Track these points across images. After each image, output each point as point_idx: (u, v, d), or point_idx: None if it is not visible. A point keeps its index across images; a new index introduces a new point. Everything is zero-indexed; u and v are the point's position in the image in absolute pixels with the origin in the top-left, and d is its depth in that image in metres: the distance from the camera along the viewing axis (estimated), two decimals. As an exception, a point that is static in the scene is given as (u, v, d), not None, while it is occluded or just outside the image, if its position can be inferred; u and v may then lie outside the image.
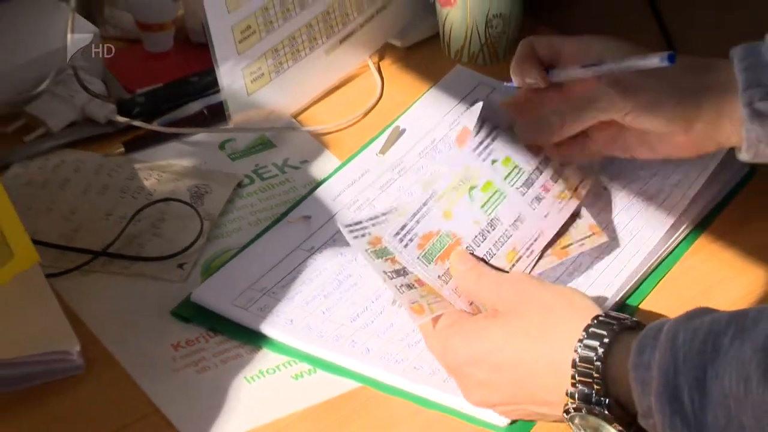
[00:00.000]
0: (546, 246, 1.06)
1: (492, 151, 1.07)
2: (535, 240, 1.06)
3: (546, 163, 1.09)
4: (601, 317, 0.93)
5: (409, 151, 1.22)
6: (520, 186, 1.06)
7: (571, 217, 1.09)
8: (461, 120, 1.17)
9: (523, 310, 0.96)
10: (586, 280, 1.07)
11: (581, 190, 1.10)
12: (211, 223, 1.15)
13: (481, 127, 1.08)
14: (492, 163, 1.06)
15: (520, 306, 0.96)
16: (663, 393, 0.85)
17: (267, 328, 1.05)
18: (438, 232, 1.02)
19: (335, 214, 1.15)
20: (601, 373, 0.91)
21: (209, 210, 1.16)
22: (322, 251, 1.12)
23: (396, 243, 1.00)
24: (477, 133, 1.08)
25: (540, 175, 1.08)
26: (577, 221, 1.09)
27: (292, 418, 0.99)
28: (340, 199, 1.17)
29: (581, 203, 1.10)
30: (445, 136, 1.22)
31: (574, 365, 0.91)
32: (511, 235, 1.04)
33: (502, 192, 1.05)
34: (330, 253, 1.11)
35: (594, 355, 0.91)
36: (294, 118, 1.28)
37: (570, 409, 0.92)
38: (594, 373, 0.91)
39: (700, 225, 1.13)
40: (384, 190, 1.17)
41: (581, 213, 1.10)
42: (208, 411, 1.00)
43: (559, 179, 1.09)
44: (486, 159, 1.06)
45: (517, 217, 1.05)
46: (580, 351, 0.91)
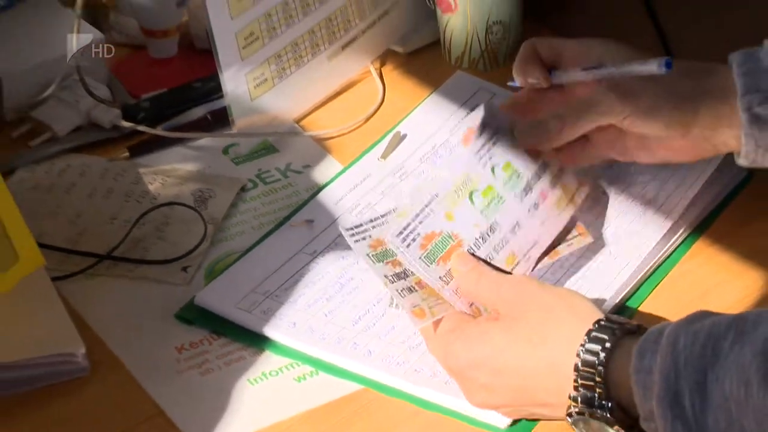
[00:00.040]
0: (543, 253, 1.06)
1: (493, 155, 1.06)
2: (533, 246, 1.05)
3: (544, 168, 1.09)
4: (602, 321, 0.93)
5: (410, 156, 1.21)
6: (519, 192, 1.06)
7: None
8: (465, 122, 1.17)
9: (524, 314, 0.96)
10: (585, 283, 1.07)
11: (577, 198, 1.10)
12: (215, 226, 1.15)
13: (482, 131, 1.08)
14: (492, 168, 1.06)
15: (520, 309, 0.96)
16: (664, 397, 0.85)
17: (270, 331, 1.05)
18: (440, 233, 1.01)
19: (337, 218, 1.15)
20: (603, 377, 0.90)
21: (213, 214, 1.16)
22: (325, 255, 1.11)
23: (398, 243, 0.99)
24: (479, 136, 1.08)
25: (539, 181, 1.08)
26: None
27: (295, 420, 0.99)
28: (342, 203, 1.17)
29: (578, 209, 1.10)
30: (446, 141, 1.22)
31: (576, 369, 0.91)
32: (510, 240, 1.04)
33: (502, 197, 1.05)
34: (332, 256, 1.11)
35: (596, 359, 0.91)
36: (296, 123, 1.28)
37: (572, 412, 0.92)
38: (596, 377, 0.91)
39: (698, 228, 1.13)
40: (385, 195, 1.17)
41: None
42: (212, 413, 0.99)
43: (557, 185, 1.09)
44: (487, 163, 1.06)
45: (516, 223, 1.05)
46: (582, 355, 0.91)
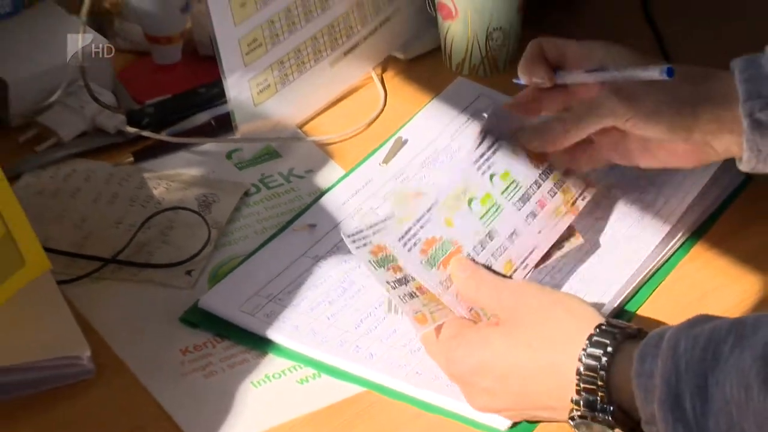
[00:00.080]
0: (540, 260, 1.06)
1: (492, 164, 1.06)
2: (530, 254, 1.05)
3: (547, 175, 1.08)
4: (603, 326, 0.93)
5: (411, 160, 1.21)
6: (516, 201, 1.06)
7: None
8: (471, 128, 1.16)
9: (524, 319, 0.95)
10: (584, 286, 1.06)
11: (579, 203, 1.10)
12: (219, 231, 1.15)
13: (483, 140, 1.08)
14: (491, 177, 1.06)
15: (521, 314, 0.96)
16: (665, 400, 0.85)
17: (273, 334, 1.04)
18: (440, 238, 1.01)
19: (339, 223, 1.15)
20: (605, 381, 0.90)
21: (216, 218, 1.16)
22: (327, 259, 1.11)
23: (400, 247, 0.99)
24: (478, 145, 1.07)
25: (538, 189, 1.07)
26: None
27: (297, 422, 0.99)
28: (344, 207, 1.17)
29: (579, 215, 1.10)
30: (447, 146, 1.22)
31: (578, 373, 0.91)
32: (508, 248, 1.04)
33: (500, 205, 1.05)
34: (334, 260, 1.11)
35: (598, 363, 0.90)
36: (299, 129, 1.28)
37: (575, 416, 0.92)
38: (598, 381, 0.90)
39: (697, 232, 1.13)
40: (387, 199, 1.17)
41: None
42: (216, 415, 0.99)
43: (557, 193, 1.08)
44: (485, 173, 1.06)
45: (513, 231, 1.05)
46: (584, 359, 0.91)
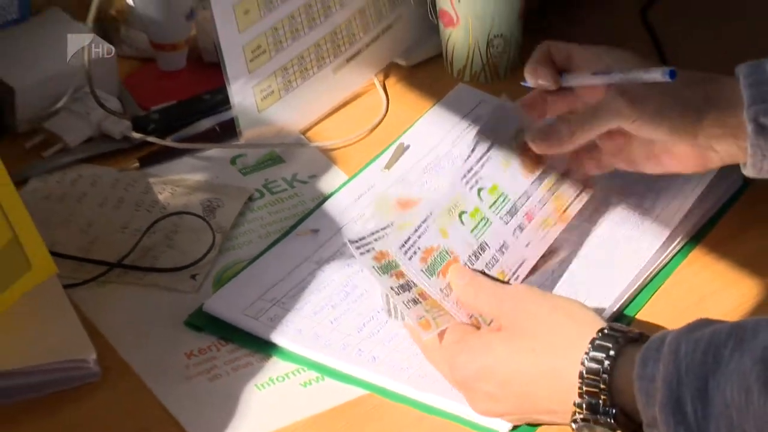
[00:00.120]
0: (530, 271, 1.06)
1: (480, 178, 1.06)
2: (520, 266, 1.05)
3: (539, 183, 1.08)
4: (605, 330, 0.93)
5: (413, 166, 1.21)
6: (504, 215, 1.06)
7: None
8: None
9: (526, 325, 0.95)
10: (584, 291, 1.06)
11: (572, 210, 1.10)
12: (223, 235, 1.15)
13: (476, 145, 1.08)
14: (479, 191, 1.06)
15: (522, 320, 0.96)
16: (667, 404, 0.85)
17: (277, 337, 1.04)
18: (438, 247, 1.01)
19: (342, 228, 1.15)
20: (608, 384, 0.90)
21: (221, 223, 1.16)
22: (330, 263, 1.11)
23: (401, 255, 0.99)
24: (471, 151, 1.07)
25: (527, 201, 1.07)
26: None
27: (301, 425, 0.99)
28: (347, 212, 1.17)
29: (570, 224, 1.10)
30: (448, 152, 1.22)
31: (581, 377, 0.91)
32: (499, 260, 1.04)
33: (488, 219, 1.05)
34: (337, 264, 1.11)
35: (600, 367, 0.90)
36: (302, 135, 1.27)
37: (577, 419, 0.92)
38: (601, 385, 0.90)
39: (695, 237, 1.13)
40: (404, 194, 1.17)
41: None
42: (220, 418, 0.99)
43: (548, 201, 1.08)
44: (473, 187, 1.06)
45: (503, 244, 1.05)
46: (586, 363, 0.91)
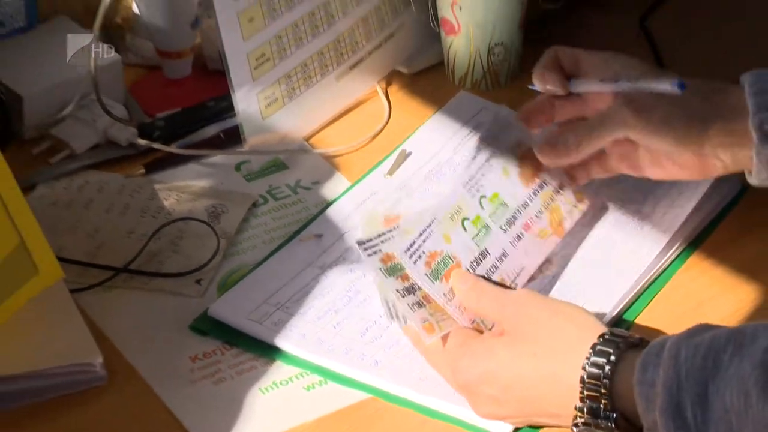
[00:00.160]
0: (530, 278, 1.06)
1: (481, 186, 1.06)
2: (519, 274, 1.05)
3: (537, 193, 1.08)
4: (606, 335, 0.93)
5: (415, 172, 1.21)
6: (503, 225, 1.06)
7: None
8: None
9: (528, 329, 0.95)
10: (584, 296, 1.06)
11: (567, 223, 1.10)
12: (228, 241, 1.15)
13: (478, 153, 1.08)
14: (480, 199, 1.06)
15: (524, 324, 0.96)
16: (667, 408, 0.85)
17: (280, 342, 1.04)
18: (442, 252, 1.01)
19: (345, 233, 1.15)
20: (608, 389, 0.90)
21: (225, 228, 1.16)
22: (333, 268, 1.11)
23: (407, 259, 0.99)
24: (473, 159, 1.07)
25: (525, 210, 1.07)
26: None
27: (304, 428, 0.99)
28: (349, 218, 1.17)
29: (577, 229, 1.10)
30: (450, 159, 1.22)
31: (582, 381, 0.91)
32: (499, 267, 1.04)
33: (489, 227, 1.05)
34: (340, 270, 1.11)
35: (601, 372, 0.91)
36: (306, 141, 1.28)
37: (578, 422, 0.92)
38: (601, 389, 0.90)
39: (693, 242, 1.13)
40: (392, 207, 1.17)
41: None
42: (224, 421, 0.99)
43: (544, 213, 1.08)
44: (475, 195, 1.06)
45: (503, 252, 1.05)
46: (588, 368, 0.91)
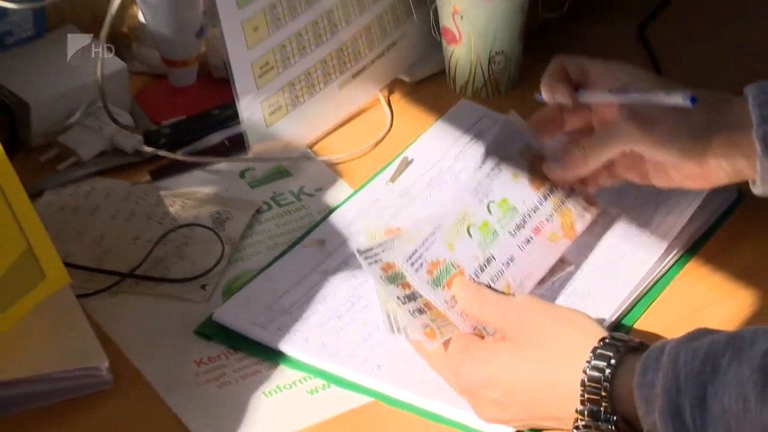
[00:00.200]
0: (538, 283, 1.06)
1: (490, 192, 1.06)
2: (526, 278, 1.05)
3: (547, 197, 1.08)
4: (607, 339, 0.93)
5: (416, 180, 1.21)
6: (513, 229, 1.06)
7: None
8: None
9: (530, 335, 0.95)
10: (585, 301, 1.06)
11: (578, 227, 1.10)
12: (232, 246, 1.15)
13: (485, 160, 1.08)
14: (489, 205, 1.06)
15: (526, 330, 0.96)
16: (666, 411, 0.85)
17: (284, 346, 1.04)
18: (444, 260, 1.01)
19: (348, 239, 1.15)
20: (609, 392, 0.91)
21: (230, 235, 1.16)
22: (336, 274, 1.11)
23: (408, 267, 0.99)
24: (480, 166, 1.07)
25: (535, 214, 1.07)
26: None
27: (308, 431, 0.99)
28: (352, 224, 1.17)
29: (577, 238, 1.10)
30: (451, 166, 1.22)
31: (583, 384, 0.91)
32: (505, 273, 1.04)
33: (497, 233, 1.05)
34: (343, 275, 1.11)
35: (602, 375, 0.91)
36: (309, 149, 1.28)
37: (579, 425, 0.92)
38: (602, 392, 0.91)
39: (690, 249, 1.13)
40: (393, 217, 1.17)
41: None
42: (229, 424, 0.99)
43: (555, 216, 1.08)
44: (483, 201, 1.06)
45: (510, 257, 1.04)
46: (588, 372, 0.91)
